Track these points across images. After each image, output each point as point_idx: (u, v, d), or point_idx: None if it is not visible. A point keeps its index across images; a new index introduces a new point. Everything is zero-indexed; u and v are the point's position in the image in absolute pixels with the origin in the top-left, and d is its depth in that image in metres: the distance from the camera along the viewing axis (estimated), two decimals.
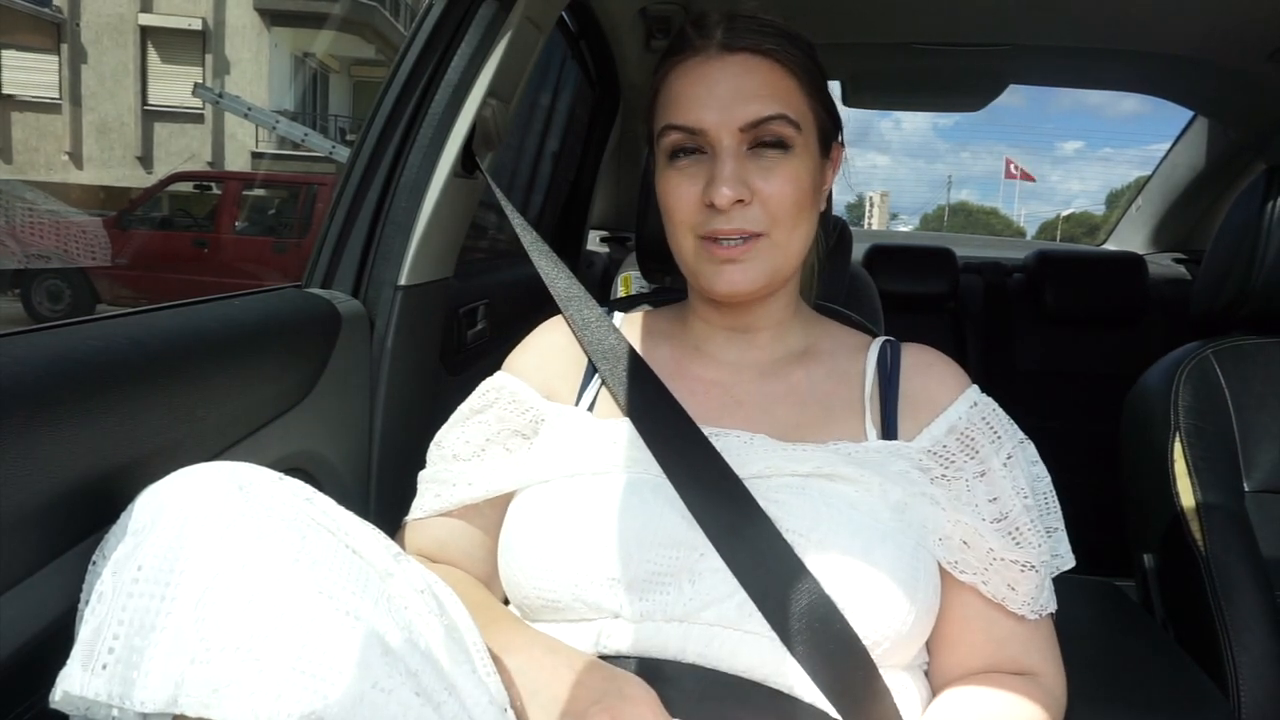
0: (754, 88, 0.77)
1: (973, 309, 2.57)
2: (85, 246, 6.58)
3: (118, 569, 0.54)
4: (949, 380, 0.83)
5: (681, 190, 0.79)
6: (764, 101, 0.77)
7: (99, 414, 0.66)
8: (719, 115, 0.77)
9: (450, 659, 0.60)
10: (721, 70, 0.78)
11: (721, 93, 0.77)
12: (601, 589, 0.71)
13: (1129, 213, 3.05)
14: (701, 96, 0.78)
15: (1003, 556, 0.75)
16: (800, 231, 0.80)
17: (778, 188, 0.77)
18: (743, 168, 0.77)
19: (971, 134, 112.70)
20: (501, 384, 0.87)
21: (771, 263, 0.79)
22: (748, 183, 0.77)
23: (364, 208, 1.11)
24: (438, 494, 0.84)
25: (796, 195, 0.78)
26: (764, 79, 0.77)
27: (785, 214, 0.78)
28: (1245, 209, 1.31)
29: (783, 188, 0.77)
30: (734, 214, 0.77)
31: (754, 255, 0.78)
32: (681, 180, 0.79)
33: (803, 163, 0.79)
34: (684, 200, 0.79)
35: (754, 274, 0.79)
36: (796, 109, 0.78)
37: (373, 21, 16.00)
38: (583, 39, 1.90)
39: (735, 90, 0.77)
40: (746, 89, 0.77)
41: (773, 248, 0.79)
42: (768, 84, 0.77)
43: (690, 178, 0.78)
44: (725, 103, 0.77)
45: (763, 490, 0.74)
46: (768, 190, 0.77)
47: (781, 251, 0.79)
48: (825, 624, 0.68)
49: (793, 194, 0.78)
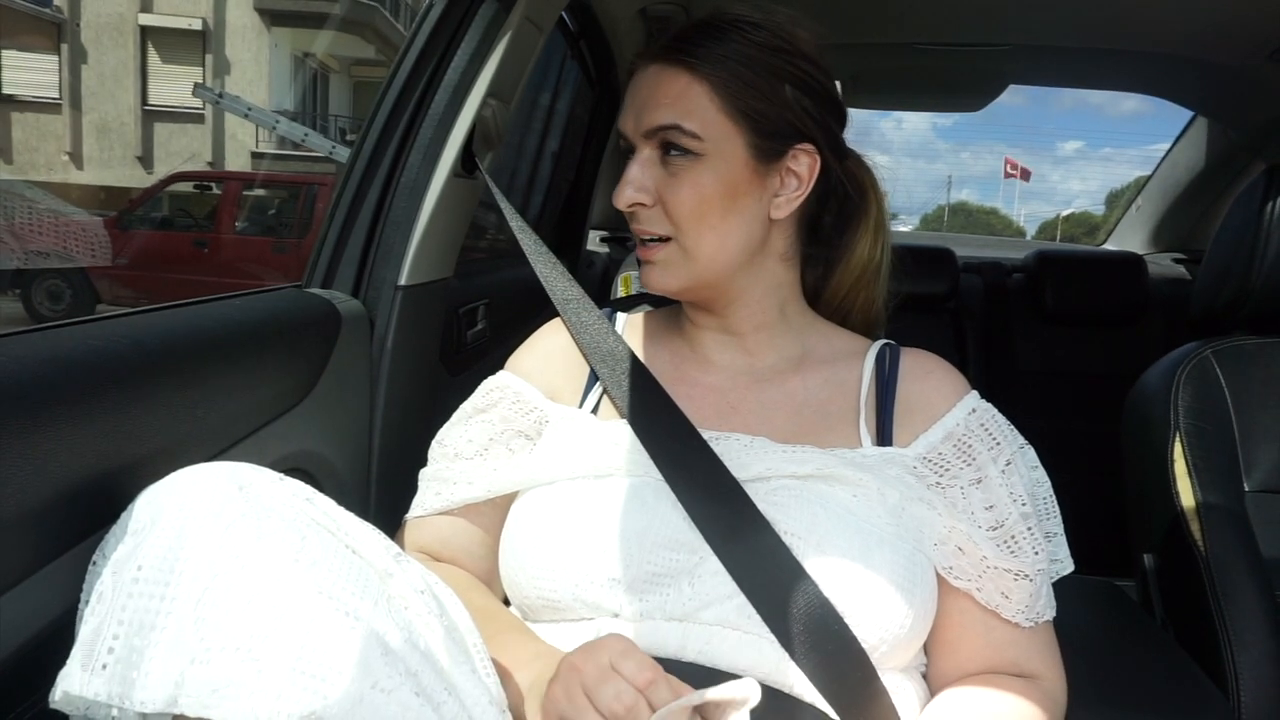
0: (664, 96, 0.79)
1: (972, 309, 2.56)
2: (85, 246, 6.58)
3: (118, 569, 0.54)
4: (947, 387, 0.83)
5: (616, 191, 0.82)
6: (666, 109, 0.78)
7: (99, 414, 0.66)
8: (634, 121, 0.81)
9: (450, 659, 0.60)
10: (648, 77, 0.81)
11: (641, 99, 0.81)
12: (601, 589, 0.72)
13: (1129, 213, 3.05)
14: (630, 103, 0.82)
15: (996, 565, 0.75)
16: (711, 237, 0.80)
17: (677, 193, 0.79)
18: (651, 172, 0.80)
19: (971, 134, 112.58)
20: (505, 383, 0.88)
21: (684, 266, 0.81)
22: (652, 187, 0.80)
23: (364, 208, 1.11)
24: (439, 492, 0.84)
25: (697, 201, 0.79)
26: (678, 88, 0.79)
27: (686, 219, 0.79)
28: (1245, 209, 1.31)
29: (681, 193, 0.79)
30: (639, 215, 0.81)
31: (663, 258, 0.81)
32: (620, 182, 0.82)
33: (712, 170, 0.78)
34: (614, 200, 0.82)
35: (667, 275, 0.82)
36: (701, 119, 0.78)
37: (373, 21, 16.00)
38: (583, 39, 1.90)
39: (650, 97, 0.80)
40: (660, 96, 0.79)
41: (679, 251, 0.81)
42: (672, 93, 0.79)
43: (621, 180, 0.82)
44: (641, 109, 0.80)
45: (762, 493, 0.74)
46: (668, 195, 0.79)
47: (690, 256, 0.80)
48: (823, 626, 0.68)
49: (693, 200, 0.79)
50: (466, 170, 1.15)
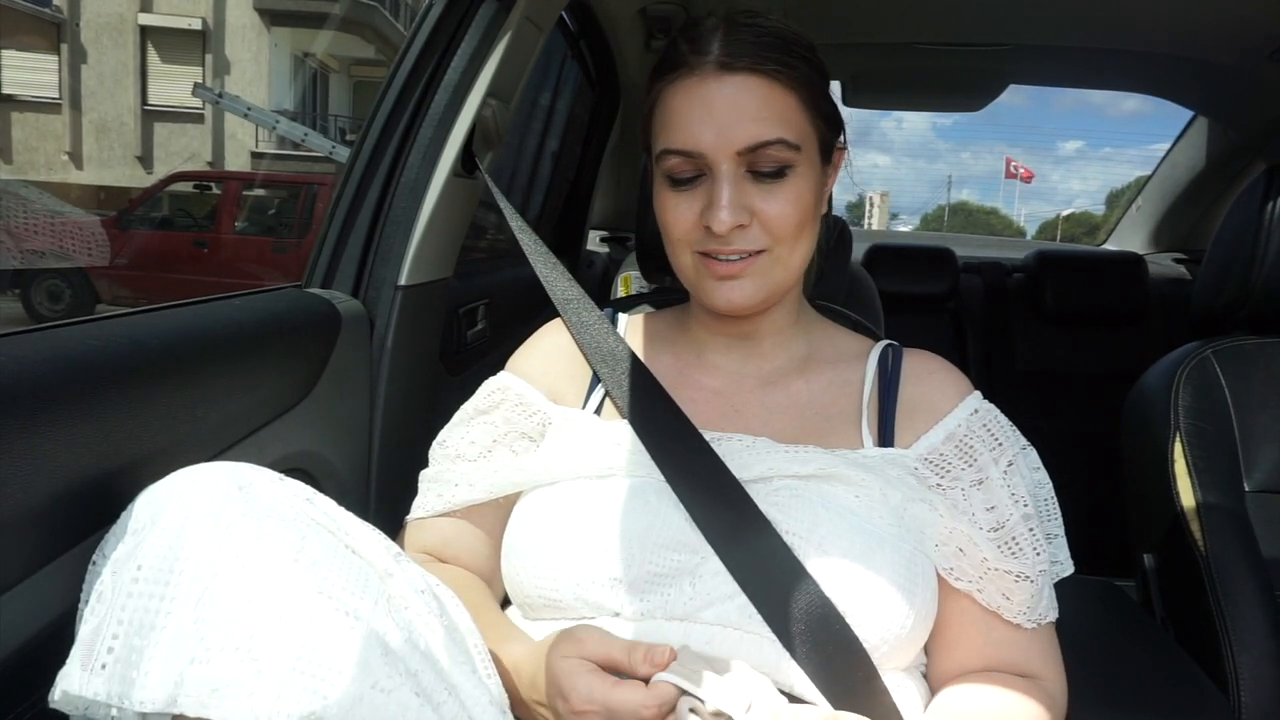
0: (753, 110, 0.74)
1: (973, 309, 2.56)
2: (85, 246, 6.58)
3: (117, 569, 0.54)
4: (949, 387, 0.83)
5: (680, 211, 0.77)
6: (762, 124, 0.74)
7: (99, 414, 0.66)
8: (716, 138, 0.74)
9: (450, 659, 0.60)
10: (718, 91, 0.75)
11: (719, 115, 0.74)
12: (603, 589, 0.72)
13: (1129, 213, 3.05)
14: (699, 119, 0.75)
15: (997, 567, 0.75)
16: (802, 246, 0.79)
17: (779, 209, 0.76)
18: (742, 191, 0.75)
19: (971, 134, 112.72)
20: (507, 385, 0.87)
21: (772, 278, 0.78)
22: (748, 205, 0.75)
23: (364, 208, 1.11)
24: (439, 494, 0.84)
25: (799, 215, 0.77)
26: (762, 100, 0.75)
27: (787, 233, 0.77)
28: (1245, 209, 1.30)
29: (784, 209, 0.76)
30: (733, 236, 0.76)
31: (754, 271, 0.77)
32: (680, 201, 0.77)
33: (805, 181, 0.77)
34: (682, 221, 0.77)
35: (752, 290, 0.78)
36: (797, 129, 0.76)
37: (373, 21, 15.99)
38: (583, 39, 1.90)
39: (733, 110, 0.74)
40: (747, 110, 0.74)
41: (774, 262, 0.78)
42: (766, 105, 0.75)
43: (689, 199, 0.77)
44: (723, 126, 0.74)
45: (764, 493, 0.74)
46: (769, 212, 0.76)
47: (782, 266, 0.79)
48: (825, 626, 0.68)
49: (795, 214, 0.76)
50: (466, 170, 1.15)
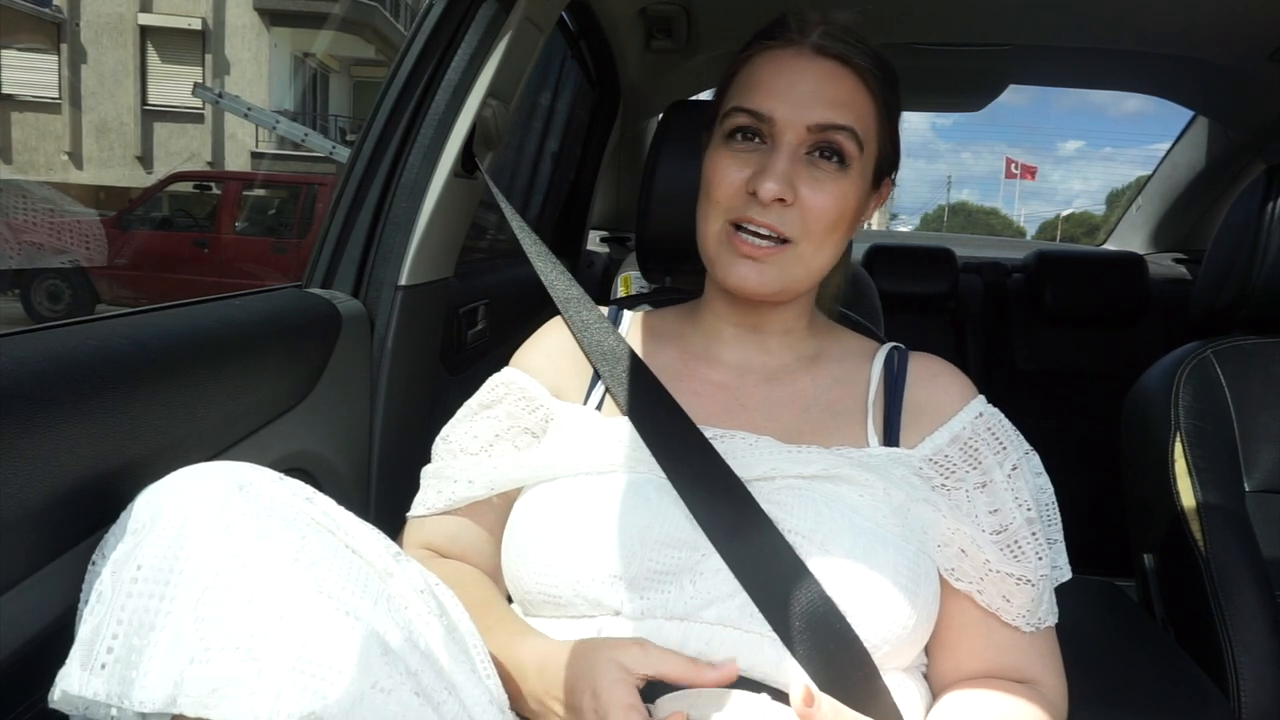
0: (835, 95, 0.77)
1: (973, 309, 2.56)
2: (85, 246, 6.57)
3: (117, 569, 0.55)
4: (954, 390, 0.83)
5: (729, 171, 0.78)
6: (840, 110, 0.76)
7: (99, 414, 0.66)
8: (792, 110, 0.76)
9: (450, 659, 0.60)
10: (810, 68, 0.77)
11: (803, 89, 0.77)
12: (603, 586, 0.71)
13: (1129, 213, 3.05)
14: (781, 88, 0.77)
15: (999, 569, 0.75)
16: (828, 250, 0.80)
17: (822, 200, 0.76)
18: (795, 169, 0.76)
19: (971, 134, 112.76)
20: (511, 379, 0.87)
21: (790, 272, 0.79)
22: (795, 185, 0.76)
23: (364, 208, 1.11)
24: (440, 490, 0.84)
25: (838, 213, 0.77)
26: (847, 90, 0.77)
27: (820, 228, 0.77)
28: (1245, 209, 1.31)
29: (827, 201, 0.77)
30: (771, 210, 0.76)
31: (775, 260, 0.78)
32: (732, 161, 0.78)
33: (853, 184, 0.78)
34: (727, 181, 0.78)
35: (769, 278, 0.78)
36: (866, 128, 0.78)
37: (373, 21, 15.99)
38: (583, 39, 1.90)
39: (816, 91, 0.76)
40: (827, 93, 0.77)
41: (796, 258, 0.78)
42: (849, 95, 0.77)
43: (741, 162, 0.78)
44: (803, 99, 0.76)
45: (766, 492, 0.74)
46: (812, 200, 0.76)
47: (804, 264, 0.79)
48: (826, 625, 0.68)
49: (835, 210, 0.77)
50: (466, 170, 1.15)
